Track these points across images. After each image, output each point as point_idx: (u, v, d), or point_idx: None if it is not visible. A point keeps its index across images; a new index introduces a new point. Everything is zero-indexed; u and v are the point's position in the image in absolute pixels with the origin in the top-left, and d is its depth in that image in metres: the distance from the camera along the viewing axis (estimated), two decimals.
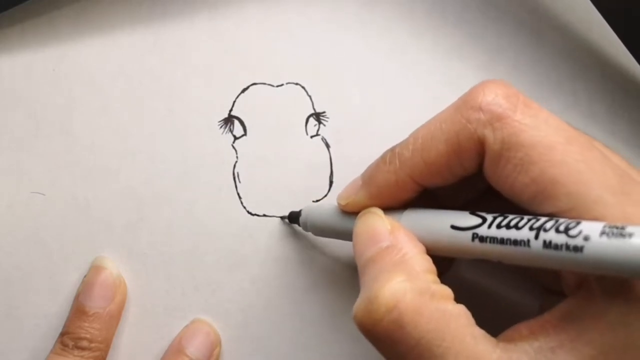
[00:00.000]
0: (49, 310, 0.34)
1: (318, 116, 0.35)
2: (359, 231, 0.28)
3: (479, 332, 0.25)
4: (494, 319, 0.26)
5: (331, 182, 0.35)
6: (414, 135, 0.28)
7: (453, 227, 0.26)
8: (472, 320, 0.25)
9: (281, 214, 0.34)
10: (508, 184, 0.25)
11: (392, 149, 0.29)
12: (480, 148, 0.26)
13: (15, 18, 0.35)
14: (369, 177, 0.29)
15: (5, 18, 0.34)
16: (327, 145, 0.35)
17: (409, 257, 0.26)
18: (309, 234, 0.33)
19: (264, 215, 0.35)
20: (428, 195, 0.29)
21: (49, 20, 0.35)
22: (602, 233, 0.22)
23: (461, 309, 0.25)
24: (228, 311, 0.34)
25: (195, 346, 0.33)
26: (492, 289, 0.33)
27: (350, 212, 0.30)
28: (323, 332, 0.34)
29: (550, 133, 0.25)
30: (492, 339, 0.25)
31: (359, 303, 0.26)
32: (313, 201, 0.34)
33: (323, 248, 0.34)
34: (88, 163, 0.35)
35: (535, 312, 0.27)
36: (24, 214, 0.34)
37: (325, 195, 0.34)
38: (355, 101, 0.35)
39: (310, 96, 0.35)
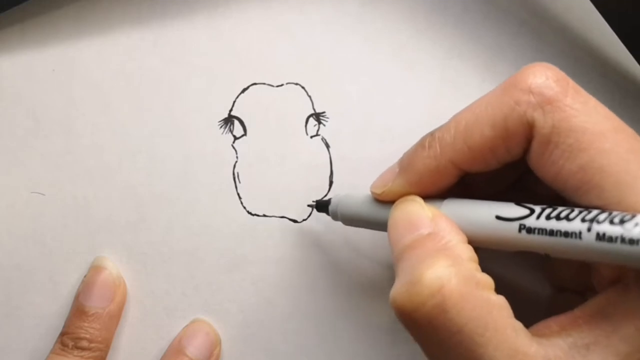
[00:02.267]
0: (49, 310, 0.34)
1: (318, 116, 0.35)
2: (397, 218, 0.27)
3: (519, 325, 0.24)
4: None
5: (331, 182, 0.34)
6: (456, 118, 0.27)
7: (498, 217, 0.25)
8: (511, 313, 0.24)
9: (281, 214, 0.34)
10: (554, 170, 0.25)
11: (432, 134, 0.27)
12: (529, 132, 0.25)
13: (15, 18, 0.35)
14: (407, 164, 0.28)
15: (5, 18, 0.34)
16: (327, 145, 0.35)
17: (453, 245, 0.25)
18: (311, 233, 0.33)
19: (264, 215, 0.35)
20: (458, 184, 0.28)
21: (49, 20, 0.35)
22: None
23: (503, 300, 0.24)
24: (228, 311, 0.34)
25: (195, 346, 0.33)
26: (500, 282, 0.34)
27: (386, 201, 0.29)
28: (323, 332, 0.34)
29: (600, 120, 0.24)
30: (529, 333, 0.24)
31: (399, 288, 0.24)
32: (313, 201, 0.34)
33: (323, 248, 0.34)
34: (88, 163, 0.35)
35: (541, 308, 0.27)
36: (24, 213, 0.34)
37: (325, 195, 0.34)
38: (355, 101, 0.35)
39: (310, 96, 0.35)
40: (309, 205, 0.34)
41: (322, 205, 0.33)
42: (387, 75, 0.35)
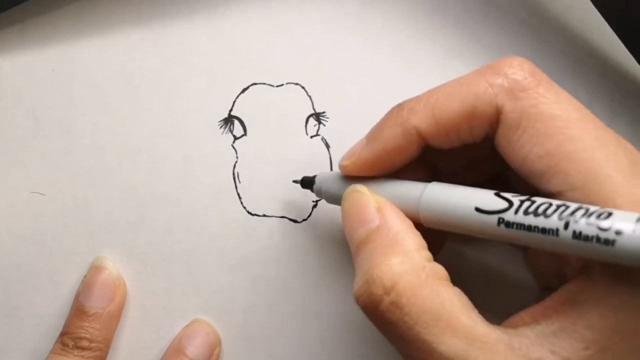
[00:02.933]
0: (49, 310, 0.34)
1: (318, 116, 0.35)
2: (347, 211, 0.28)
3: (476, 314, 0.25)
4: (494, 305, 0.27)
5: None
6: (430, 91, 0.28)
7: (477, 209, 0.25)
8: (468, 303, 0.25)
9: (281, 214, 0.34)
10: (521, 155, 0.25)
11: (400, 104, 0.28)
12: (494, 117, 0.26)
13: (15, 18, 0.35)
14: (373, 133, 0.29)
15: (5, 18, 0.34)
16: (327, 145, 0.35)
17: (401, 236, 0.26)
18: (311, 233, 0.33)
19: (264, 215, 0.35)
20: (427, 163, 0.29)
21: (49, 20, 0.35)
22: (635, 229, 0.21)
23: (456, 291, 0.25)
24: (228, 311, 0.34)
25: (195, 346, 0.33)
26: (490, 274, 0.34)
27: (354, 176, 0.29)
28: (323, 332, 0.34)
29: (570, 110, 0.25)
30: (490, 323, 0.25)
31: (359, 285, 0.26)
32: (313, 201, 0.34)
33: (323, 248, 0.34)
34: (88, 163, 0.35)
35: (534, 299, 0.27)
36: (24, 213, 0.34)
37: None
38: (356, 101, 0.35)
39: (310, 96, 0.35)
40: (294, 181, 0.34)
41: (307, 182, 0.33)
42: (387, 75, 0.35)
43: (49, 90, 0.35)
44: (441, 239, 0.31)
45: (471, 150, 0.28)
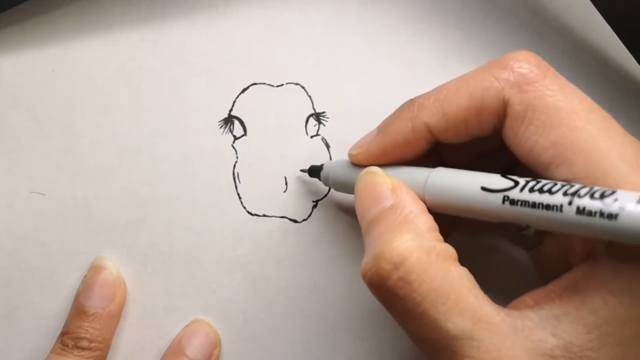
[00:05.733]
0: (49, 310, 0.34)
1: (318, 116, 0.35)
2: (361, 191, 0.28)
3: (482, 295, 0.25)
4: (495, 289, 0.27)
5: None
6: (439, 87, 0.28)
7: (483, 188, 0.25)
8: (474, 283, 0.25)
9: (281, 214, 0.34)
10: (528, 146, 0.26)
11: (412, 99, 0.29)
12: (502, 110, 0.26)
13: (15, 18, 0.35)
14: (384, 126, 0.29)
15: (5, 18, 0.34)
16: (327, 145, 0.35)
17: (413, 216, 0.26)
18: (311, 233, 0.33)
19: (264, 215, 0.35)
20: (436, 157, 0.29)
21: (49, 20, 0.35)
22: (639, 202, 0.22)
23: (465, 270, 0.26)
24: (228, 311, 0.34)
25: (195, 346, 0.33)
26: (492, 260, 0.34)
27: (362, 164, 0.30)
28: (323, 332, 0.34)
29: (575, 101, 0.25)
30: (495, 304, 0.25)
31: (367, 262, 0.26)
32: (313, 201, 0.34)
33: (323, 248, 0.34)
34: (88, 163, 0.35)
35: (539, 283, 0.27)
36: (24, 214, 0.34)
37: (325, 196, 0.34)
38: (355, 101, 0.35)
39: (310, 96, 0.35)
40: (302, 170, 0.34)
41: (314, 171, 0.33)
42: (387, 75, 0.35)
43: (49, 90, 0.35)
44: (448, 229, 0.32)
45: (480, 145, 0.29)
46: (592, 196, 0.23)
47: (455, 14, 0.35)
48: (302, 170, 0.34)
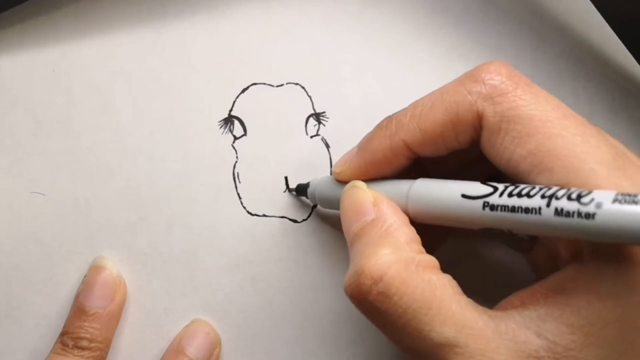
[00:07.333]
0: (49, 310, 0.34)
1: (318, 116, 0.35)
2: (345, 206, 0.29)
3: (465, 300, 0.25)
4: (489, 292, 0.27)
5: None
6: (415, 103, 0.28)
7: (464, 196, 0.26)
8: (457, 289, 0.26)
9: (281, 214, 0.34)
10: (506, 157, 0.26)
11: (390, 116, 0.29)
12: (477, 122, 0.27)
13: (15, 18, 0.35)
14: (364, 143, 0.30)
15: (5, 18, 0.34)
16: (327, 145, 0.35)
17: (393, 229, 0.27)
18: (311, 233, 0.33)
19: (264, 215, 0.35)
20: (419, 170, 0.29)
21: (49, 20, 0.35)
22: (615, 200, 0.22)
23: (446, 278, 0.26)
24: (228, 311, 0.34)
25: (195, 346, 0.33)
26: (488, 263, 0.34)
27: (346, 181, 0.30)
28: (323, 332, 0.34)
29: (548, 109, 0.26)
30: (480, 308, 0.25)
31: (348, 277, 0.26)
32: (292, 187, 0.34)
33: (323, 248, 0.34)
34: (88, 163, 0.35)
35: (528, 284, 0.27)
36: (24, 214, 0.34)
37: None
38: (355, 101, 0.35)
39: (310, 96, 0.35)
40: (288, 190, 0.34)
41: (301, 189, 0.34)
42: (387, 75, 0.35)
43: (49, 90, 0.35)
44: (442, 236, 0.32)
45: (461, 155, 0.29)
46: (569, 197, 0.23)
47: (455, 14, 0.35)
48: (289, 190, 0.34)
